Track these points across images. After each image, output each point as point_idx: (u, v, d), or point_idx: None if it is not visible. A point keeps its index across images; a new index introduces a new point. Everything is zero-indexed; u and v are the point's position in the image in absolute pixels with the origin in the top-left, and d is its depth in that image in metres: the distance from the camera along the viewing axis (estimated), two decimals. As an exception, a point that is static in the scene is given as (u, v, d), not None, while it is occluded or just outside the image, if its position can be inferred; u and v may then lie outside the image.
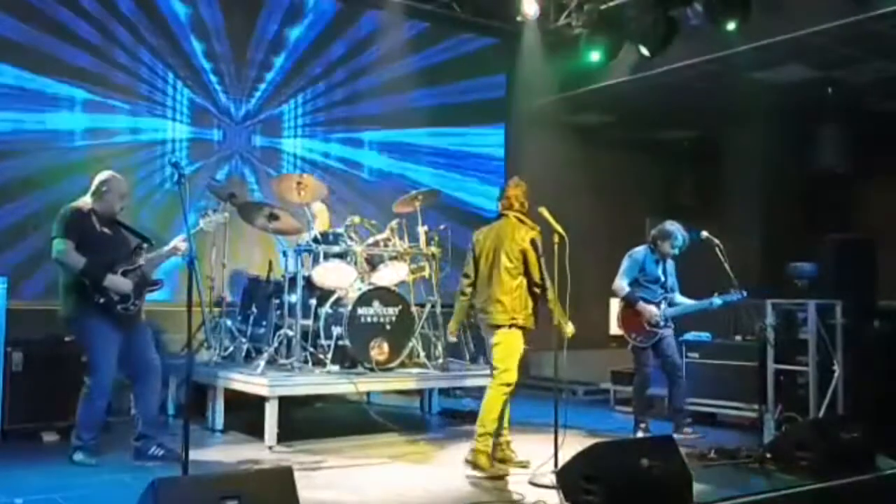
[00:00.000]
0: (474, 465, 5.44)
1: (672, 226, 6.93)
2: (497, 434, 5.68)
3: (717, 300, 6.81)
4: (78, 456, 5.45)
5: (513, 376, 5.59)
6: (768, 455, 5.85)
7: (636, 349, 6.94)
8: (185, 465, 3.99)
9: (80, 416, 5.50)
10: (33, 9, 7.64)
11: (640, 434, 6.72)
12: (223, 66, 8.72)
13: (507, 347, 5.60)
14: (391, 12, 9.59)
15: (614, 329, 11.41)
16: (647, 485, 4.57)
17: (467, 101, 10.31)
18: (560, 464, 5.00)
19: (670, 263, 7.03)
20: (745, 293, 6.74)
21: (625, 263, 7.04)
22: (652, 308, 6.85)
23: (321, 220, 7.64)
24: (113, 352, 5.45)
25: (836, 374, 6.92)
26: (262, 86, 8.95)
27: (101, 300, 5.35)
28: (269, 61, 8.98)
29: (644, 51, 8.56)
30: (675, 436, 6.22)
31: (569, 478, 4.74)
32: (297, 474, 3.92)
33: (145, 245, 5.68)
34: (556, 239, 5.56)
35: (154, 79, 8.31)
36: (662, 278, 6.95)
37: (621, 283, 6.97)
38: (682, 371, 7.03)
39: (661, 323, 6.86)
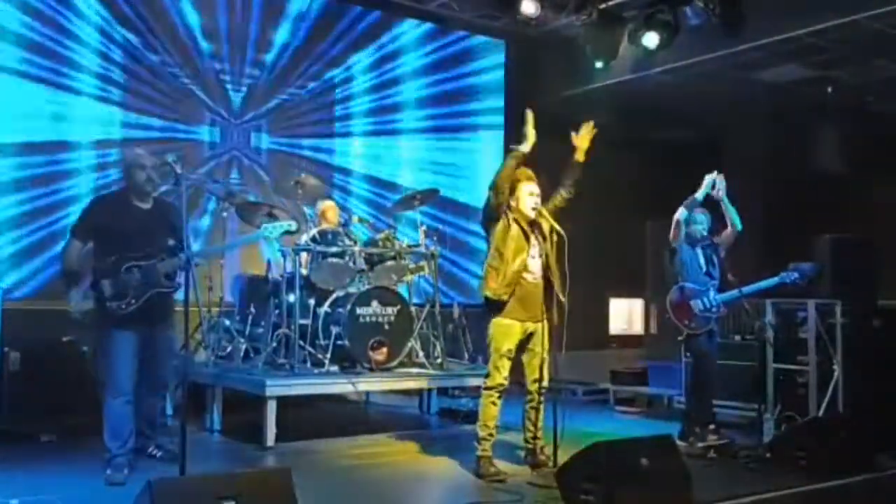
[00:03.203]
0: (476, 471, 5.41)
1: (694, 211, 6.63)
2: (532, 438, 5.60)
3: (772, 280, 6.47)
4: (106, 472, 5.04)
5: (494, 378, 5.43)
6: (768, 455, 5.84)
7: (690, 340, 6.51)
8: (183, 466, 3.96)
9: (104, 423, 5.21)
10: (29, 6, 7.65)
11: (700, 444, 6.30)
12: (221, 62, 8.70)
13: (492, 341, 5.50)
14: (389, 11, 9.58)
15: (614, 329, 11.50)
16: (647, 485, 4.55)
17: (465, 100, 10.29)
18: (559, 464, 5.00)
19: (711, 250, 6.64)
20: (796, 274, 6.51)
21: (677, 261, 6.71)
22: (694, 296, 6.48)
23: (329, 217, 7.58)
24: (123, 350, 5.14)
25: (835, 374, 6.91)
26: (260, 84, 8.93)
27: (93, 291, 5.12)
28: (265, 59, 8.96)
29: (647, 43, 8.52)
30: (679, 443, 6.19)
31: (568, 478, 4.71)
32: (294, 475, 3.90)
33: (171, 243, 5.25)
34: (556, 238, 5.57)
35: (149, 75, 8.28)
36: (705, 266, 6.58)
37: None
38: (715, 377, 6.65)
39: (713, 308, 6.47)
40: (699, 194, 6.47)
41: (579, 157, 5.71)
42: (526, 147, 5.43)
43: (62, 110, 7.79)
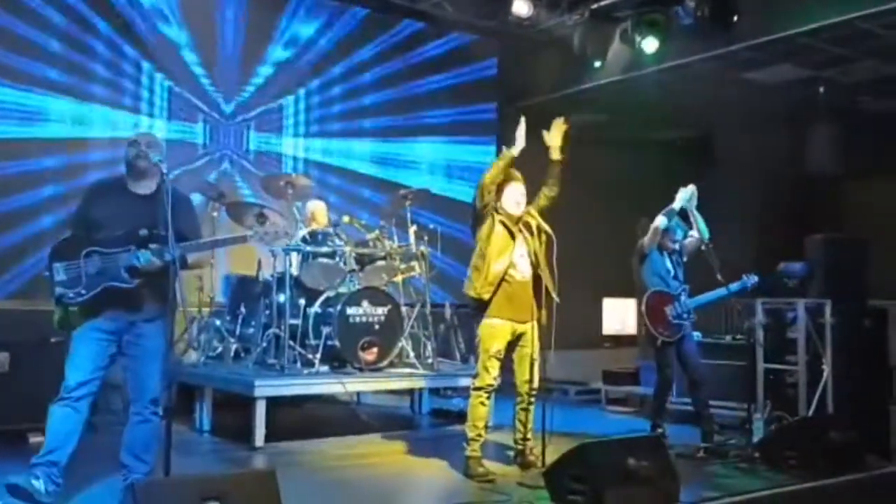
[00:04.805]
0: (464, 471, 5.41)
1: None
2: (522, 440, 5.61)
3: (733, 286, 6.51)
4: (21, 475, 4.40)
5: (483, 378, 5.44)
6: (757, 454, 5.84)
7: (662, 346, 6.55)
8: (167, 466, 3.94)
9: None
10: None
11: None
12: (212, 60, 8.69)
13: (480, 341, 5.52)
14: (382, 11, 9.59)
15: (608, 329, 11.49)
16: (634, 484, 4.54)
17: (458, 99, 10.28)
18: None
19: (677, 255, 6.73)
20: (757, 278, 6.62)
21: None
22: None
23: (318, 217, 7.60)
24: (80, 348, 4.48)
25: (825, 374, 6.91)
26: (252, 82, 8.91)
27: (45, 273, 4.49)
28: (257, 56, 8.95)
29: (646, 48, 8.53)
30: (704, 444, 6.23)
31: (556, 478, 4.72)
32: (283, 475, 3.89)
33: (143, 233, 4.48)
34: (544, 238, 5.58)
35: (137, 72, 8.26)
36: (673, 271, 6.67)
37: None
38: (705, 373, 6.67)
39: (684, 314, 6.53)
40: (676, 205, 6.51)
41: (554, 155, 5.71)
42: (516, 150, 5.48)
43: (43, 110, 7.75)
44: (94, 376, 4.46)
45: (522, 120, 5.55)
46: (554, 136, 5.71)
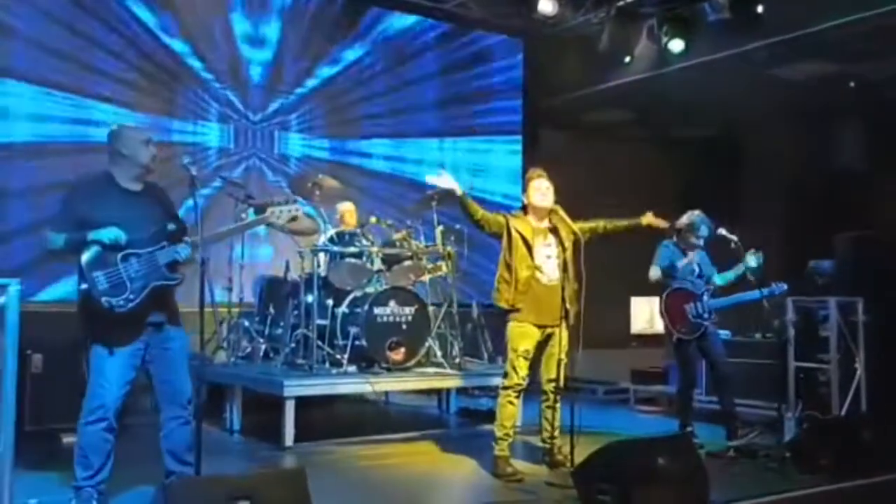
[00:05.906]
0: (493, 470, 5.41)
1: (694, 216, 6.67)
2: (549, 438, 5.62)
3: (761, 292, 6.42)
4: (71, 503, 4.34)
5: (511, 378, 5.47)
6: (788, 454, 5.77)
7: (681, 344, 6.52)
8: (198, 466, 3.98)
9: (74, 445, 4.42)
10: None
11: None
12: (236, 62, 8.75)
13: (509, 341, 5.54)
14: (406, 11, 9.60)
15: (635, 328, 11.43)
16: (663, 484, 4.51)
17: (484, 98, 10.29)
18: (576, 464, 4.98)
19: (702, 254, 6.68)
20: (786, 286, 6.54)
21: (656, 253, 6.80)
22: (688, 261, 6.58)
23: (347, 218, 7.65)
24: (113, 364, 4.32)
25: (857, 372, 6.83)
26: (273, 86, 8.97)
27: (83, 286, 4.24)
28: (281, 59, 9.00)
29: (673, 48, 8.51)
30: (731, 443, 6.17)
31: (584, 477, 4.70)
32: (312, 474, 3.92)
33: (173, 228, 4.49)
34: (573, 238, 5.57)
35: (162, 74, 8.32)
36: (697, 270, 6.61)
37: (653, 271, 6.70)
38: (729, 371, 6.58)
39: (705, 314, 6.48)
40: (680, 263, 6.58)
41: (642, 221, 5.93)
42: (458, 190, 5.67)
43: (77, 112, 7.83)
44: (125, 391, 4.38)
45: (442, 172, 5.83)
46: (653, 222, 6.00)
